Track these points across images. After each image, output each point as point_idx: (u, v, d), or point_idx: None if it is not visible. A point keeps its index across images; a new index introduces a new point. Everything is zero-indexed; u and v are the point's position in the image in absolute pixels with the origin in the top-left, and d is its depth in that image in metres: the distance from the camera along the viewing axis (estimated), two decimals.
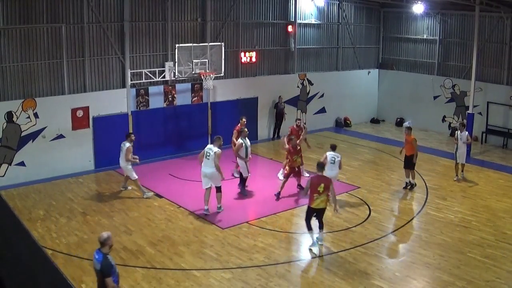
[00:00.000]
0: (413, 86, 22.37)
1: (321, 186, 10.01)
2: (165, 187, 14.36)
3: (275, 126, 20.20)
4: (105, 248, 6.80)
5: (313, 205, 10.26)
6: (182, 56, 16.18)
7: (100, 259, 6.71)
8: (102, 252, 6.78)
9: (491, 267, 9.86)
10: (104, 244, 6.79)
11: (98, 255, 6.79)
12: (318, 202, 10.18)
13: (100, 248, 6.81)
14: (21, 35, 14.26)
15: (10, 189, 13.83)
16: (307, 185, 10.21)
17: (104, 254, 6.77)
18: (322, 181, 10.12)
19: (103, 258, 6.73)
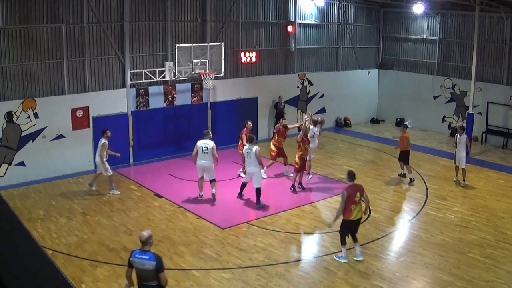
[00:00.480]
0: (413, 86, 22.37)
1: (357, 195, 9.67)
2: (165, 187, 14.36)
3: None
4: (148, 246, 6.87)
5: (351, 217, 9.74)
6: (182, 56, 16.17)
7: (152, 258, 6.78)
8: (150, 251, 6.87)
9: (491, 267, 9.86)
10: (147, 243, 6.85)
11: (147, 255, 6.80)
12: (356, 213, 9.74)
13: (143, 248, 6.85)
14: (21, 35, 14.26)
15: (10, 189, 13.82)
16: (343, 199, 9.65)
17: (152, 252, 6.90)
18: (357, 189, 9.78)
19: (154, 255, 6.84)
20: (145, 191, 14.06)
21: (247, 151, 12.78)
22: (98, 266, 9.72)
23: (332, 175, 15.65)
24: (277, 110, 19.98)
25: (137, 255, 6.85)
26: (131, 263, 6.88)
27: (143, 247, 6.87)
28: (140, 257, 6.82)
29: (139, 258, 6.82)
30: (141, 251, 6.87)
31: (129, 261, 6.92)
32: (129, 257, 6.94)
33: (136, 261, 6.82)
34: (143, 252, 6.85)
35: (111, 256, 10.16)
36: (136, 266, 6.84)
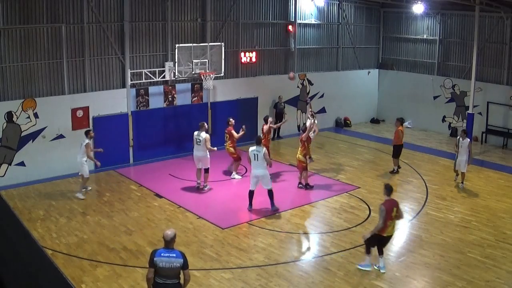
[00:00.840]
0: (413, 86, 22.37)
1: (394, 210, 9.31)
2: (165, 187, 14.35)
3: None
4: (172, 244, 6.84)
5: (385, 234, 9.33)
6: (182, 56, 16.17)
7: (179, 255, 6.78)
8: (174, 249, 6.85)
9: (491, 267, 9.86)
10: (172, 241, 6.82)
11: (173, 253, 6.76)
12: (390, 229, 9.36)
13: (168, 246, 6.80)
14: (21, 35, 14.26)
15: (10, 189, 13.83)
16: (381, 214, 9.18)
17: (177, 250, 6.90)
18: (394, 205, 9.36)
19: (180, 253, 6.85)
20: (145, 191, 14.06)
21: (254, 153, 12.23)
22: (98, 266, 9.72)
23: (332, 175, 15.65)
24: (276, 110, 19.98)
25: (163, 253, 6.73)
26: (155, 263, 6.69)
27: (168, 246, 6.79)
28: (167, 255, 6.72)
29: (167, 256, 6.71)
30: (166, 249, 6.78)
31: (153, 261, 6.70)
32: (153, 257, 6.73)
33: (163, 260, 6.68)
34: (169, 250, 6.77)
35: (111, 256, 10.16)
36: (162, 265, 6.68)
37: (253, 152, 12.22)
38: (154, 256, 6.74)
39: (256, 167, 12.23)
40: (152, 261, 6.73)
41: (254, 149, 12.25)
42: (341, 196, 13.83)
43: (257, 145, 12.36)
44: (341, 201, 13.47)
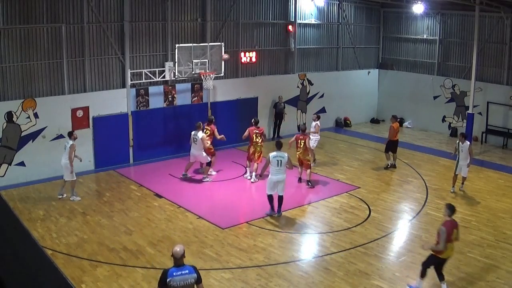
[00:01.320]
0: (413, 86, 22.37)
1: (454, 232, 8.84)
2: (165, 187, 14.35)
3: (275, 126, 20.19)
4: (183, 260, 6.47)
5: (444, 256, 8.74)
6: (182, 56, 16.17)
7: (192, 270, 6.44)
8: (186, 264, 6.52)
9: (491, 267, 9.86)
10: (182, 257, 6.47)
11: (186, 269, 6.41)
12: (449, 251, 8.78)
13: (179, 263, 6.42)
14: (21, 35, 14.25)
15: (10, 189, 13.83)
16: (442, 236, 8.48)
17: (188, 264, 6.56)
18: (454, 226, 8.79)
19: (192, 267, 6.52)
20: (145, 191, 14.06)
21: (277, 159, 11.79)
22: (98, 266, 9.72)
23: (332, 175, 15.64)
24: (276, 110, 19.98)
25: (175, 272, 6.36)
26: (169, 284, 6.29)
27: (178, 263, 6.43)
28: (180, 273, 6.35)
29: (180, 274, 6.34)
30: (177, 267, 6.41)
31: (166, 283, 6.31)
32: (165, 278, 6.33)
33: (176, 279, 6.31)
34: (180, 267, 6.41)
35: (111, 256, 10.16)
36: (176, 284, 6.30)
37: (276, 158, 11.82)
38: (166, 276, 6.34)
39: (277, 172, 11.85)
40: (164, 283, 6.34)
41: (277, 155, 11.89)
42: (341, 196, 13.83)
43: (279, 150, 12.09)
44: (341, 201, 13.47)
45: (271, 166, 11.92)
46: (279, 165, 11.82)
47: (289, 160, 11.95)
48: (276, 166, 11.84)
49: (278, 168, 11.84)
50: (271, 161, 11.87)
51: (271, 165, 11.91)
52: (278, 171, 11.85)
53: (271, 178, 11.97)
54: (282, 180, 11.93)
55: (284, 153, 12.00)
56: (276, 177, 11.87)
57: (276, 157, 11.85)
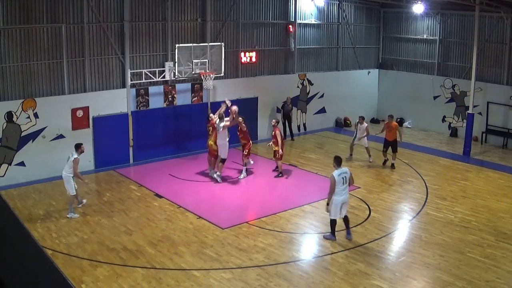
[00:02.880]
0: (413, 86, 22.36)
1: None
2: (165, 187, 14.35)
3: (284, 127, 19.96)
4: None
5: None
6: (182, 56, 16.17)
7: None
8: None
9: (491, 267, 9.86)
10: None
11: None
12: None
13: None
14: (21, 35, 14.25)
15: (10, 189, 13.82)
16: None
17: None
18: None
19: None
20: (145, 191, 14.06)
21: (343, 176, 10.58)
22: (98, 266, 9.72)
23: None
24: (284, 110, 19.88)
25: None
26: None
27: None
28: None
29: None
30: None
31: None
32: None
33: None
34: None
35: (111, 256, 10.16)
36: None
37: (341, 175, 10.57)
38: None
39: (342, 192, 10.61)
40: None
41: (341, 172, 10.63)
42: None
43: (341, 166, 10.81)
44: None
45: (337, 185, 10.58)
46: (344, 182, 10.63)
47: (351, 175, 10.87)
48: (341, 185, 10.58)
49: (343, 186, 10.62)
50: (337, 180, 10.53)
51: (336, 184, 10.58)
52: (344, 190, 10.64)
53: (337, 200, 10.60)
54: (347, 200, 10.83)
55: (347, 169, 10.91)
56: (343, 197, 10.63)
57: (340, 174, 10.59)
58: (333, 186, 10.51)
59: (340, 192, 10.59)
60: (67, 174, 12.17)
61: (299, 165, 16.68)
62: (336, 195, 10.60)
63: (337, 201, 10.61)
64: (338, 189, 10.56)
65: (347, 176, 10.66)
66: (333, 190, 10.54)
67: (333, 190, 10.54)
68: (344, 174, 10.64)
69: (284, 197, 13.77)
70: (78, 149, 12.29)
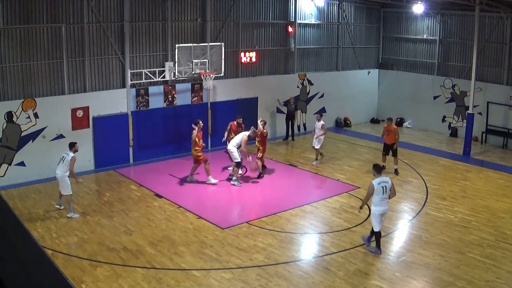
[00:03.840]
0: (413, 86, 22.37)
1: None
2: (165, 187, 14.35)
3: (287, 127, 20.03)
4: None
5: None
6: (182, 56, 16.17)
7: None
8: None
9: (491, 267, 9.86)
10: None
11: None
12: None
13: None
14: (21, 35, 14.25)
15: (10, 189, 13.82)
16: None
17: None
18: None
19: None
20: (145, 191, 14.06)
21: (383, 185, 10.04)
22: (98, 266, 9.72)
23: (332, 175, 15.64)
24: (287, 110, 19.85)
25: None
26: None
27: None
28: None
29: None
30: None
31: None
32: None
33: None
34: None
35: (111, 256, 10.16)
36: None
37: (381, 184, 10.04)
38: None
39: (382, 202, 10.08)
40: None
41: (382, 180, 10.12)
42: (341, 196, 13.83)
43: (381, 175, 10.32)
44: (341, 201, 13.47)
45: (374, 196, 10.10)
46: (384, 192, 10.08)
47: (393, 185, 10.28)
48: (381, 195, 10.06)
49: (384, 196, 10.09)
50: (376, 189, 10.04)
51: (375, 194, 10.09)
52: (384, 200, 10.10)
53: (377, 210, 10.13)
54: (386, 211, 10.30)
55: (388, 178, 10.41)
56: (383, 208, 10.13)
57: (380, 183, 10.08)
58: (370, 194, 10.10)
59: (380, 203, 10.07)
60: (63, 174, 12.00)
61: (299, 165, 16.68)
62: (375, 205, 10.15)
63: (377, 211, 10.12)
64: (377, 199, 10.06)
65: (387, 186, 10.09)
66: (369, 198, 10.17)
67: (369, 197, 10.18)
68: (384, 183, 10.10)
69: (284, 197, 13.76)
70: (72, 147, 12.23)
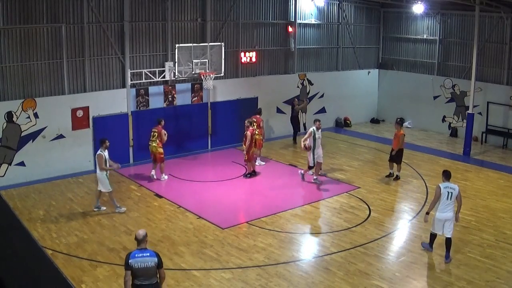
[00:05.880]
0: (413, 86, 22.36)
1: None
2: (165, 187, 14.35)
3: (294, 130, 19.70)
4: (145, 244, 6.96)
5: None
6: (182, 56, 16.17)
7: (153, 254, 6.91)
8: (147, 248, 6.98)
9: (491, 267, 9.86)
10: (144, 240, 6.95)
11: (147, 252, 6.88)
12: None
13: (141, 246, 6.91)
14: (21, 35, 14.25)
15: (10, 189, 13.83)
16: None
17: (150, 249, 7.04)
18: None
19: (154, 252, 6.99)
20: (145, 191, 14.06)
21: (448, 191, 9.90)
22: (98, 266, 9.72)
23: (332, 175, 15.64)
24: (292, 113, 19.52)
25: (137, 254, 6.84)
26: (131, 265, 6.76)
27: (140, 245, 6.92)
28: (141, 255, 6.82)
29: (141, 256, 6.80)
30: (139, 250, 6.89)
31: (128, 264, 6.77)
32: (127, 260, 6.81)
33: (138, 261, 6.78)
34: (142, 250, 6.89)
35: (111, 256, 10.16)
36: (137, 266, 6.76)
37: (447, 189, 9.93)
38: (129, 258, 6.82)
39: (446, 208, 9.93)
40: (127, 264, 6.80)
41: (448, 185, 10.01)
42: (341, 196, 13.82)
43: (449, 181, 10.19)
44: (341, 201, 13.47)
45: (441, 199, 10.00)
46: (449, 198, 9.93)
47: (459, 194, 10.07)
48: (445, 200, 9.93)
49: (448, 202, 9.94)
50: (441, 192, 9.94)
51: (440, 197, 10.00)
52: (447, 206, 9.95)
53: (439, 215, 10.02)
54: (450, 218, 10.03)
55: (456, 186, 10.13)
56: (445, 214, 9.94)
57: (446, 188, 9.97)
58: (437, 197, 9.98)
59: (443, 208, 9.94)
60: (100, 173, 12.24)
61: (299, 165, 16.68)
62: (438, 211, 10.04)
63: (439, 216, 10.03)
64: (442, 205, 9.95)
65: (453, 193, 9.93)
66: (436, 201, 10.04)
67: (436, 200, 10.04)
68: (451, 189, 9.96)
69: (284, 197, 13.76)
70: (102, 144, 12.37)
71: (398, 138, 14.93)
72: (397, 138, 14.97)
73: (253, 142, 15.06)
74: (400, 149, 15.01)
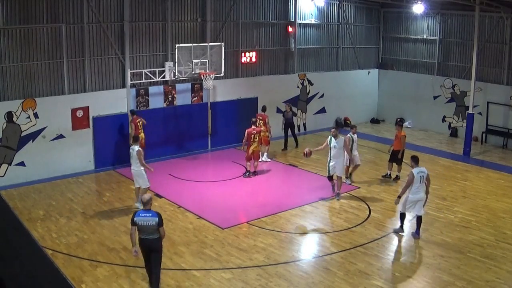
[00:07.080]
0: (413, 86, 22.37)
1: None
2: (165, 187, 14.35)
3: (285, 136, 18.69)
4: (149, 206, 8.33)
5: None
6: (182, 56, 16.17)
7: (155, 214, 8.25)
8: (151, 209, 8.33)
9: (491, 267, 9.86)
10: (149, 203, 8.34)
11: (149, 213, 8.24)
12: None
13: (145, 207, 8.31)
14: (21, 35, 14.25)
15: (10, 189, 13.83)
16: None
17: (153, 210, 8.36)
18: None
19: (156, 212, 8.32)
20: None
21: (420, 175, 10.80)
22: (98, 266, 9.72)
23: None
24: (285, 120, 18.59)
25: (141, 214, 8.28)
26: (136, 222, 8.20)
27: (145, 207, 8.33)
28: (144, 215, 8.24)
29: (144, 216, 8.23)
30: (144, 210, 8.32)
31: (134, 220, 8.21)
32: (133, 217, 8.23)
33: (141, 219, 8.20)
34: (146, 211, 8.29)
35: (111, 256, 10.16)
36: (141, 223, 8.18)
37: (419, 174, 10.80)
38: (134, 216, 8.31)
39: (418, 191, 10.83)
40: (133, 220, 8.27)
41: (420, 170, 10.86)
42: (341, 196, 13.81)
43: (418, 165, 11.04)
44: (341, 201, 13.46)
45: (414, 183, 10.83)
46: (421, 181, 10.84)
47: (428, 175, 11.00)
48: (418, 183, 10.82)
49: (420, 185, 10.83)
50: (415, 178, 10.78)
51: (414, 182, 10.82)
52: (419, 188, 10.85)
53: (412, 198, 10.88)
54: (422, 198, 10.96)
55: (424, 168, 11.04)
56: (417, 196, 10.88)
57: (419, 173, 10.82)
58: (410, 182, 10.83)
59: (416, 191, 10.86)
60: (138, 169, 12.39)
61: (299, 165, 16.68)
62: (410, 193, 10.90)
63: (412, 198, 10.88)
64: (414, 188, 10.83)
65: (424, 176, 10.88)
66: (409, 186, 10.85)
67: (409, 185, 10.85)
68: (422, 173, 10.87)
69: (284, 197, 13.76)
70: (136, 141, 12.69)
71: (399, 139, 14.99)
72: (398, 139, 15.03)
73: (251, 140, 15.02)
74: (399, 149, 15.08)
